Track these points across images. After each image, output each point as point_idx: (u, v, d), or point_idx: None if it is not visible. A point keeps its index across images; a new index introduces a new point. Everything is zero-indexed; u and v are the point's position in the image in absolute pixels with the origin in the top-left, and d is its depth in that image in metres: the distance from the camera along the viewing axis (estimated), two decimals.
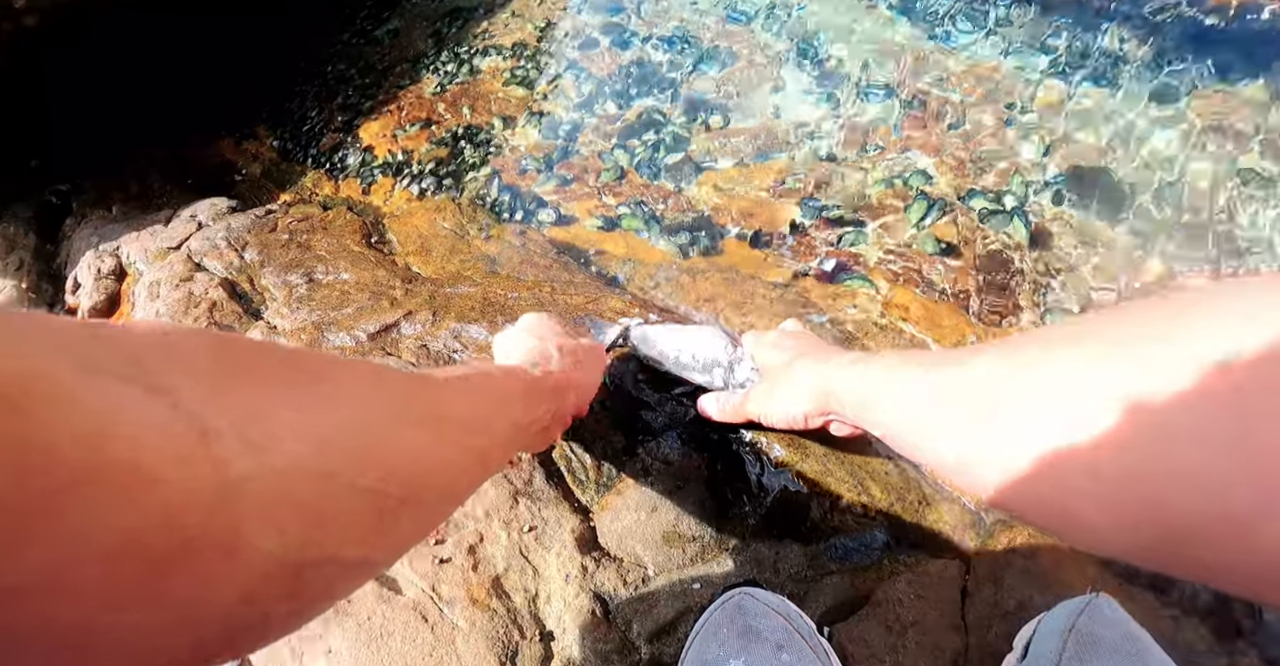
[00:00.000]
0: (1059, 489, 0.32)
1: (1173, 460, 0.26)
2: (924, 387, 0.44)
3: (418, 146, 1.37)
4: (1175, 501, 0.27)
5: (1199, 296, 0.29)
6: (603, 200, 1.17)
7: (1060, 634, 0.60)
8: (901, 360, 0.49)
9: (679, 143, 1.23)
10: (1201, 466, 0.25)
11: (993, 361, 0.37)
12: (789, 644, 0.57)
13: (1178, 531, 0.27)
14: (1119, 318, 0.33)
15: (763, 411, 0.68)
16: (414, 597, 0.66)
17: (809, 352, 0.66)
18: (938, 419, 0.41)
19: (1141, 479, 0.28)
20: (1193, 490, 0.26)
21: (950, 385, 0.40)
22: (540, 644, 0.64)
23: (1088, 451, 0.30)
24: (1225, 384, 0.25)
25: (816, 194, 1.15)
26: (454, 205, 1.19)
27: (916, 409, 0.44)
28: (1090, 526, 0.31)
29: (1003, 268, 1.10)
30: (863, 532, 0.73)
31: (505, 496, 0.70)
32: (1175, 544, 0.28)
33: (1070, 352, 0.32)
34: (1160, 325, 0.29)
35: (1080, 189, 1.17)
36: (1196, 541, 0.27)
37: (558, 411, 0.56)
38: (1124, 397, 0.28)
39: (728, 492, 0.74)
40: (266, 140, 1.58)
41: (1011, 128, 1.23)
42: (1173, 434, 0.26)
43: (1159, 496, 0.27)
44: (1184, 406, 0.26)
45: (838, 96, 1.27)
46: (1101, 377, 0.30)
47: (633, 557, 0.68)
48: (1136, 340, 0.29)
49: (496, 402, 0.46)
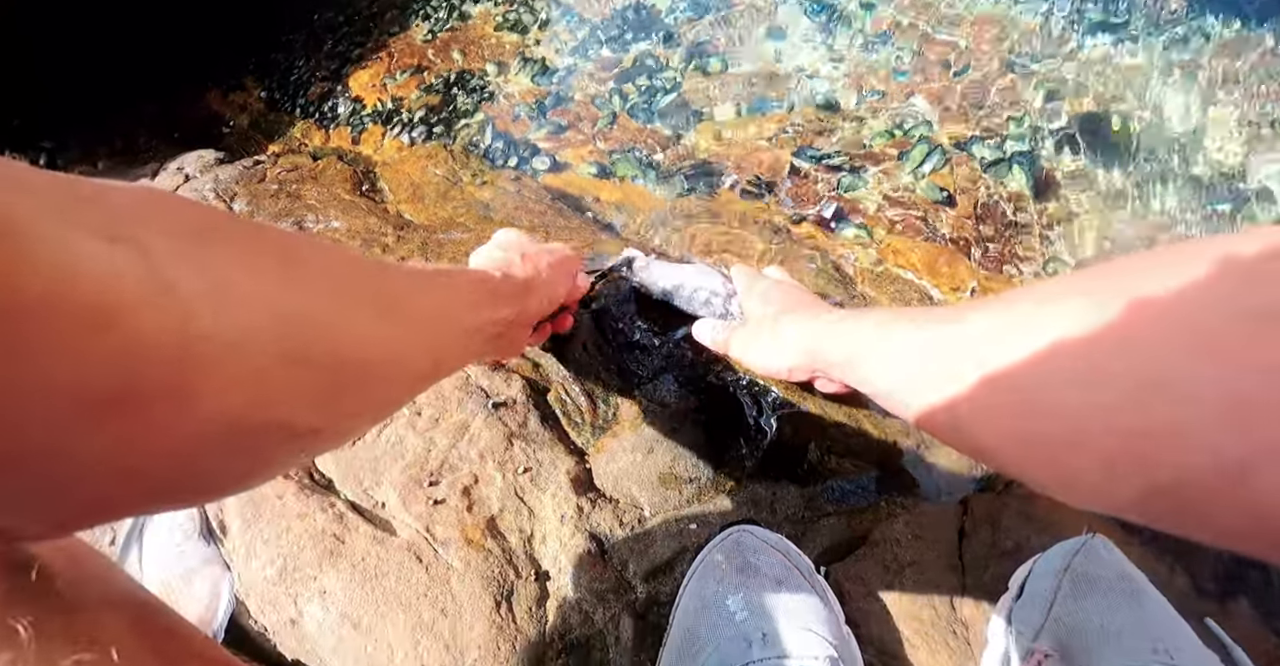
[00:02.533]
0: (1051, 444, 0.32)
1: (1163, 414, 0.27)
2: (916, 344, 0.43)
3: (408, 94, 1.34)
4: (1165, 455, 0.27)
5: (1188, 251, 0.29)
6: (598, 146, 1.15)
7: (1056, 573, 0.60)
8: (893, 316, 0.48)
9: (676, 88, 1.20)
10: (1191, 420, 0.26)
11: (986, 318, 0.37)
12: (787, 579, 0.57)
13: (1168, 484, 0.27)
14: (1110, 273, 0.33)
15: (743, 357, 0.67)
16: (408, 538, 0.65)
17: (796, 308, 0.65)
18: (930, 376, 0.41)
19: (1133, 433, 0.28)
20: (1183, 443, 0.26)
21: (943, 342, 0.40)
22: (536, 583, 0.64)
23: (1080, 407, 0.30)
24: (1214, 338, 0.26)
25: (816, 140, 1.12)
26: (446, 152, 1.16)
27: (908, 366, 0.43)
28: (1082, 481, 0.31)
29: (1004, 216, 1.08)
30: (860, 475, 0.72)
31: (500, 438, 0.69)
32: (1166, 497, 0.28)
33: (1062, 309, 0.32)
34: (1150, 280, 0.29)
35: (1085, 138, 1.15)
36: (1186, 494, 0.27)
37: (519, 315, 0.56)
38: (1114, 353, 0.29)
39: (724, 435, 0.73)
40: (254, 91, 1.54)
41: (1016, 75, 1.20)
42: (1163, 388, 0.27)
43: (1150, 449, 0.27)
44: (1174, 361, 0.26)
45: (839, 42, 1.24)
46: (1092, 334, 0.30)
47: (628, 498, 0.68)
48: (1127, 296, 0.29)
49: (455, 300, 0.46)
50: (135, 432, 0.21)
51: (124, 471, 0.22)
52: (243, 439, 0.25)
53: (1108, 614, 0.57)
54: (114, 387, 0.19)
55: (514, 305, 0.54)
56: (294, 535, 0.66)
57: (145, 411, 0.21)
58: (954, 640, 0.62)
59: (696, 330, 0.73)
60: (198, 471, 0.25)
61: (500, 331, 0.53)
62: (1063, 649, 0.56)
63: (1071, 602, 0.58)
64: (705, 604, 0.56)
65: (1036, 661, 0.57)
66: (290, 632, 0.64)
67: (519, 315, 0.56)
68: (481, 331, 0.49)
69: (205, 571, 0.68)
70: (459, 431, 0.70)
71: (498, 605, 0.62)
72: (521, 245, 0.62)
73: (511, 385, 0.73)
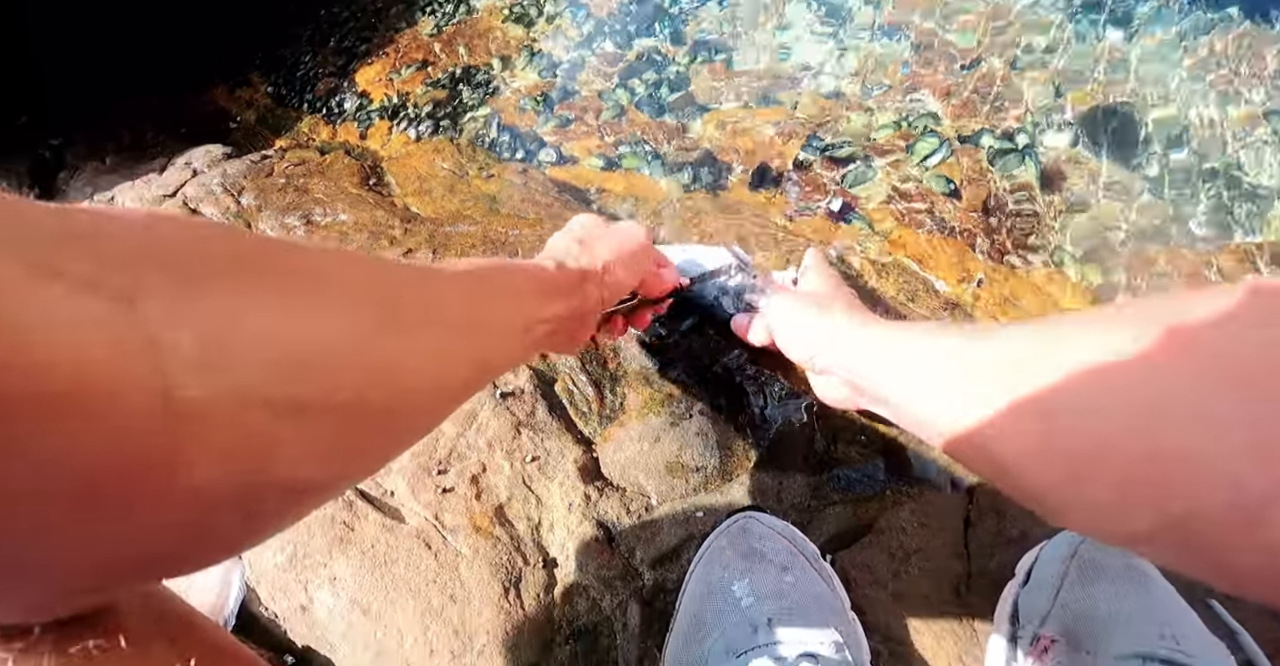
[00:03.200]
0: (1072, 463, 0.31)
1: (1180, 441, 0.26)
2: (939, 359, 0.43)
3: (414, 89, 1.34)
4: (1179, 483, 0.26)
5: (1222, 286, 0.29)
6: (604, 139, 1.15)
7: (1063, 559, 0.60)
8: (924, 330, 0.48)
9: (681, 82, 1.20)
10: (1209, 449, 0.25)
11: (1015, 340, 0.37)
12: (793, 566, 0.57)
13: (1180, 516, 0.27)
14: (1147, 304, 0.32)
15: (779, 324, 0.63)
16: (417, 526, 0.66)
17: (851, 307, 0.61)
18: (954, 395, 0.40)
19: (1148, 457, 0.28)
20: (1198, 472, 0.26)
21: (968, 361, 0.40)
22: (544, 570, 0.65)
23: (1101, 430, 0.30)
24: (1240, 367, 0.25)
25: (822, 133, 1.12)
26: (453, 146, 1.17)
27: (931, 381, 0.43)
28: (1098, 505, 0.31)
29: (1011, 208, 1.08)
30: (866, 464, 0.72)
31: (508, 427, 0.70)
32: (1177, 530, 0.27)
33: (1093, 335, 0.32)
34: (1182, 311, 0.29)
35: (1093, 131, 1.15)
36: (1198, 528, 0.26)
37: (577, 309, 0.51)
38: (1140, 380, 0.28)
39: (731, 425, 0.73)
40: (260, 86, 1.55)
41: (1024, 68, 1.19)
42: (1183, 415, 0.26)
43: (1164, 476, 0.27)
44: (1197, 389, 0.26)
45: (845, 35, 1.24)
46: (1120, 361, 0.30)
47: (635, 487, 0.68)
48: (1158, 325, 0.29)
49: (505, 299, 0.43)
50: (117, 515, 0.19)
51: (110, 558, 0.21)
52: (240, 506, 0.24)
53: (1115, 600, 0.57)
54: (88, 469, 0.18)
55: (569, 299, 0.50)
56: (304, 523, 0.66)
57: (127, 492, 0.19)
58: (959, 627, 0.62)
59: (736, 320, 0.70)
60: (192, 543, 0.24)
61: (555, 328, 0.49)
62: (1069, 634, 0.56)
63: (1078, 589, 0.58)
64: (711, 589, 0.57)
65: (1043, 647, 0.57)
66: (301, 619, 0.65)
67: (575, 309, 0.51)
68: (532, 330, 0.46)
69: None
70: (467, 420, 0.70)
71: (506, 591, 0.62)
72: (585, 230, 0.57)
73: (519, 375, 0.74)
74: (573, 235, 0.56)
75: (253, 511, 0.25)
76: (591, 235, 0.56)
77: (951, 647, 0.61)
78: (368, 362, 0.28)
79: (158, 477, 0.20)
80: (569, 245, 0.55)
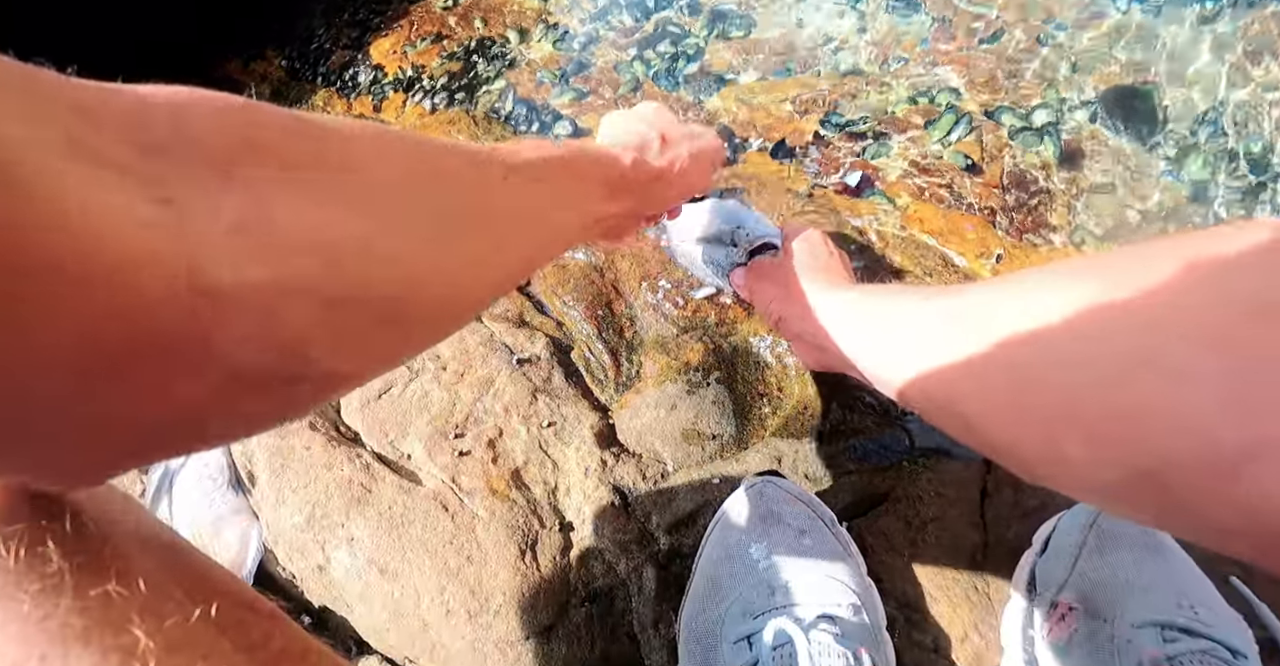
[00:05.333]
0: (1043, 419, 0.31)
1: (1155, 395, 0.26)
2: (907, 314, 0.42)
3: (429, 61, 1.33)
4: (1152, 436, 0.26)
5: (1201, 240, 0.28)
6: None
7: (1082, 528, 0.60)
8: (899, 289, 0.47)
9: (698, 55, 1.19)
10: (1185, 404, 0.25)
11: (988, 294, 0.36)
12: (811, 529, 0.57)
13: (1152, 468, 0.26)
14: (1123, 256, 0.32)
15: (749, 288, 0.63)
16: (434, 488, 0.66)
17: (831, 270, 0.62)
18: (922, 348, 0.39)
19: (1121, 412, 0.27)
20: (1172, 426, 0.25)
21: (939, 314, 0.39)
22: (560, 533, 0.65)
23: (1073, 383, 0.29)
24: (1219, 326, 0.24)
25: (840, 107, 1.11)
26: (468, 118, 1.16)
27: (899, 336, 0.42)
28: (1069, 460, 0.30)
29: (1031, 185, 1.07)
30: (883, 435, 0.72)
31: (524, 393, 0.70)
32: (1148, 482, 0.27)
33: (1068, 288, 0.31)
34: (1159, 266, 0.28)
35: (1116, 109, 1.13)
36: (1171, 480, 0.26)
37: (638, 208, 0.49)
38: (1114, 333, 0.28)
39: (747, 394, 0.73)
40: (274, 60, 1.54)
41: (1047, 45, 1.17)
42: (1158, 369, 0.26)
43: (1137, 433, 0.26)
44: (1174, 344, 0.25)
45: (864, 8, 1.22)
46: (1095, 313, 0.29)
47: (652, 453, 0.68)
48: (1135, 279, 0.28)
49: (570, 192, 0.41)
50: (150, 386, 0.20)
51: (142, 423, 0.21)
52: (269, 388, 0.24)
53: (1133, 568, 0.56)
54: (125, 343, 0.18)
55: (637, 198, 0.47)
56: (321, 484, 0.67)
57: (160, 365, 0.20)
58: (975, 595, 0.62)
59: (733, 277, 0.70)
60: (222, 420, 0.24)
61: (614, 224, 0.47)
62: (1086, 602, 0.56)
63: (1097, 557, 0.58)
64: (729, 553, 0.57)
65: (1060, 614, 0.57)
66: (318, 579, 0.66)
67: (639, 208, 0.49)
68: (590, 228, 0.44)
69: (234, 520, 0.69)
70: (484, 386, 0.70)
71: (522, 553, 0.62)
72: (664, 123, 0.53)
73: (536, 342, 0.74)
74: (651, 124, 0.52)
75: (279, 394, 0.25)
76: (672, 131, 0.53)
77: (967, 615, 0.61)
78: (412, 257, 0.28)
79: (192, 352, 0.20)
80: (650, 138, 0.51)
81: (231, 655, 0.26)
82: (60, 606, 0.23)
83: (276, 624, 0.30)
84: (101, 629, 0.23)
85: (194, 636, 0.26)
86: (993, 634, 0.61)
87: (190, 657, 0.25)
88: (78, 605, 0.24)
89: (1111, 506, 0.32)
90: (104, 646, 0.23)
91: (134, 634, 0.23)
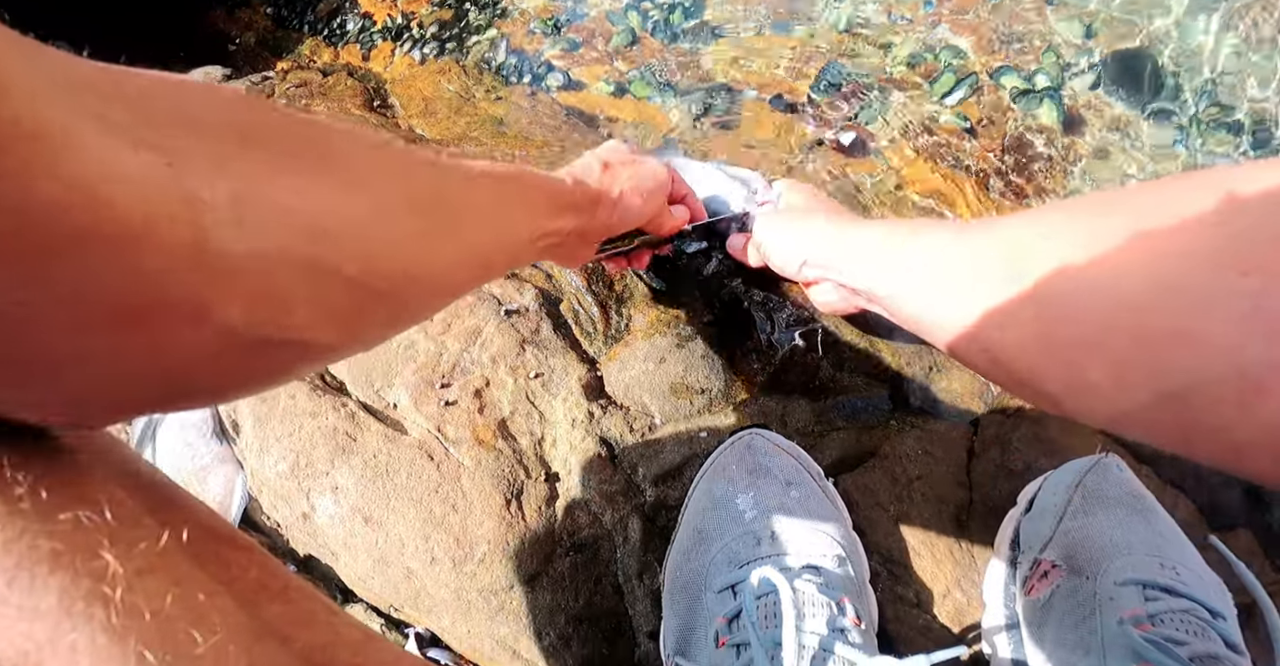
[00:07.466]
0: (1069, 348, 0.32)
1: (1181, 317, 0.26)
2: (937, 249, 0.42)
3: (419, 9, 1.29)
4: (1179, 358, 0.27)
5: (1230, 174, 0.28)
6: (613, 65, 1.11)
7: (1067, 488, 0.60)
8: (924, 223, 0.48)
9: (696, 6, 1.16)
10: (1211, 325, 0.25)
11: (1016, 228, 0.37)
12: (798, 481, 0.57)
13: (1177, 389, 0.27)
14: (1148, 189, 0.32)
15: (764, 240, 0.63)
16: (419, 437, 0.65)
17: (833, 212, 0.63)
18: (949, 282, 0.40)
19: (1147, 335, 0.28)
20: (1199, 347, 0.26)
21: (967, 249, 0.40)
22: (545, 484, 0.64)
23: (1100, 311, 0.30)
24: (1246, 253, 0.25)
25: (840, 64, 1.08)
26: (459, 68, 1.13)
27: (928, 270, 0.43)
28: (1094, 388, 0.31)
29: (1029, 148, 1.06)
30: (871, 393, 0.72)
31: (512, 344, 0.69)
32: (1174, 404, 0.27)
33: (1094, 220, 0.32)
34: (1186, 199, 0.28)
35: (1119, 75, 1.11)
36: (1197, 401, 0.26)
37: (583, 228, 0.52)
38: (1140, 262, 0.28)
39: (737, 349, 0.72)
40: (260, 8, 1.49)
41: (1052, 6, 1.15)
42: (1184, 293, 0.26)
43: (1162, 353, 0.27)
44: (1200, 269, 0.26)
45: None
46: (1122, 244, 0.29)
47: (639, 406, 0.68)
48: (1161, 211, 0.29)
49: (514, 204, 0.44)
50: (154, 343, 0.22)
51: (143, 376, 0.23)
52: (258, 352, 0.25)
53: (1117, 529, 0.57)
54: (133, 301, 0.20)
55: (577, 217, 0.51)
56: (306, 433, 0.66)
57: (164, 323, 0.21)
58: (958, 551, 0.63)
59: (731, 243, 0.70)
60: (213, 379, 0.26)
61: (559, 241, 0.50)
62: (1069, 560, 0.56)
63: (1082, 517, 0.58)
64: (715, 503, 0.57)
65: (1042, 571, 0.57)
66: (302, 527, 0.65)
67: (581, 228, 0.52)
68: (536, 241, 0.47)
69: (219, 469, 0.68)
70: (471, 336, 0.69)
71: (507, 503, 0.62)
72: (610, 153, 0.58)
73: (524, 294, 0.73)
74: (599, 157, 0.57)
75: (266, 359, 0.27)
76: (616, 161, 0.57)
77: (950, 571, 0.62)
78: (384, 239, 0.30)
79: (190, 312, 0.22)
80: (591, 165, 0.56)
81: (207, 583, 0.26)
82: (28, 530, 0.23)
83: (254, 557, 0.31)
84: (71, 552, 0.23)
85: (167, 562, 0.25)
86: (975, 590, 0.62)
87: (162, 582, 0.24)
88: (45, 528, 0.23)
89: (1132, 431, 0.33)
90: (75, 570, 0.23)
91: (104, 558, 0.23)
